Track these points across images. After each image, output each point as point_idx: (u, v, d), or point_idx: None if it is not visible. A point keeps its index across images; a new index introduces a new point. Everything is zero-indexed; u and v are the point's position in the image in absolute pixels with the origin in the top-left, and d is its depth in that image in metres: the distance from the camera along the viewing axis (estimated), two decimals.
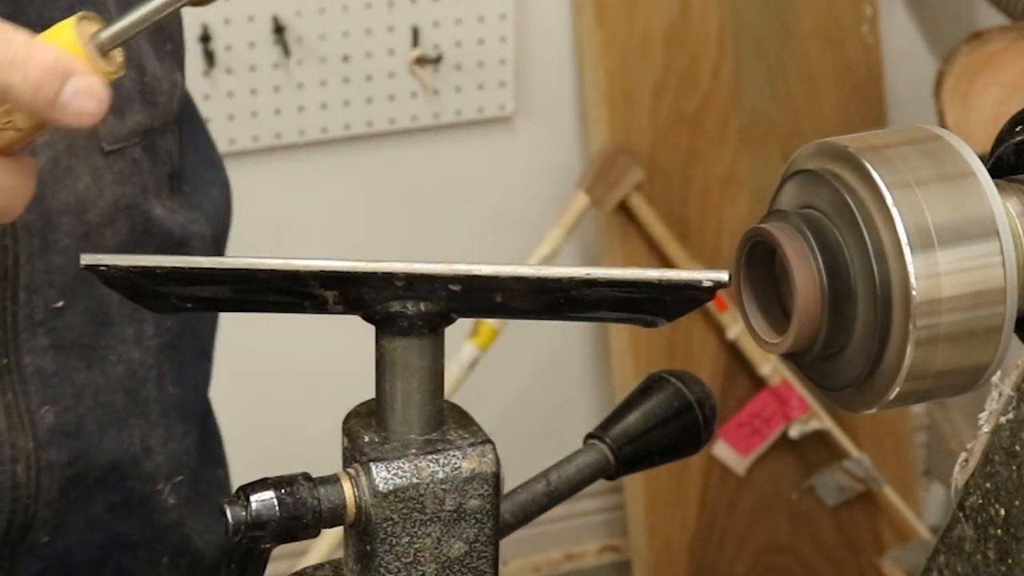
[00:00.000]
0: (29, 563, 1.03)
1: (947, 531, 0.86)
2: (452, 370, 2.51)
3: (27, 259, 1.01)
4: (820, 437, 2.81)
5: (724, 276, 0.82)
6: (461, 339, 2.55)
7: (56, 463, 1.01)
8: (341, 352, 2.38)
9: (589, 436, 0.98)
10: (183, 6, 0.83)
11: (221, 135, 2.50)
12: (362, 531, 0.83)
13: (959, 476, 0.85)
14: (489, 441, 0.85)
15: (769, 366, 2.75)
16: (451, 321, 0.84)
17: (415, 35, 2.61)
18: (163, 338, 1.09)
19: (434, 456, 0.83)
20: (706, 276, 0.82)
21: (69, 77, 0.78)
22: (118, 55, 0.83)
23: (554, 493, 0.96)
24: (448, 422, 0.86)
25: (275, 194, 2.62)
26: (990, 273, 0.78)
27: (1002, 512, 0.82)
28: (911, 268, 0.76)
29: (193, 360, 1.14)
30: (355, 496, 0.83)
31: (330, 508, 0.82)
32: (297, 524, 0.82)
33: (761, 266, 0.82)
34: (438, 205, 2.73)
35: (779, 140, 2.78)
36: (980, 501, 0.83)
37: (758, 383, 2.78)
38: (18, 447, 0.99)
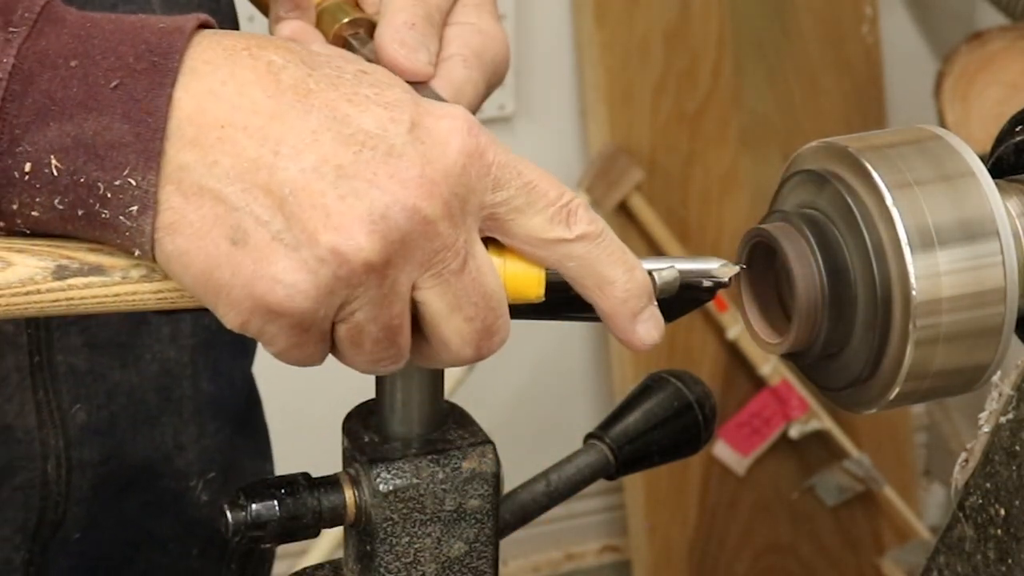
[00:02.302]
0: (59, 559, 1.03)
1: (947, 531, 0.86)
2: (452, 370, 2.50)
3: None
4: (820, 437, 2.81)
5: (724, 276, 0.82)
6: None
7: (88, 462, 1.01)
8: None
9: (589, 436, 0.98)
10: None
11: None
12: (362, 531, 0.83)
13: (959, 476, 0.85)
14: (489, 441, 0.85)
15: (769, 366, 2.75)
16: None
17: None
18: (200, 336, 1.08)
19: (434, 456, 0.83)
20: (706, 276, 0.82)
21: (652, 298, 0.79)
22: None
23: (554, 493, 0.96)
24: (448, 422, 0.86)
25: None
26: (990, 273, 0.78)
27: (1002, 512, 0.82)
28: (911, 268, 0.76)
29: (230, 357, 1.13)
30: (355, 496, 0.83)
31: (330, 508, 0.82)
32: (297, 524, 0.82)
33: (761, 266, 0.82)
34: None
35: (779, 140, 2.78)
36: (980, 501, 0.83)
37: (758, 383, 2.78)
38: (48, 445, 0.99)
